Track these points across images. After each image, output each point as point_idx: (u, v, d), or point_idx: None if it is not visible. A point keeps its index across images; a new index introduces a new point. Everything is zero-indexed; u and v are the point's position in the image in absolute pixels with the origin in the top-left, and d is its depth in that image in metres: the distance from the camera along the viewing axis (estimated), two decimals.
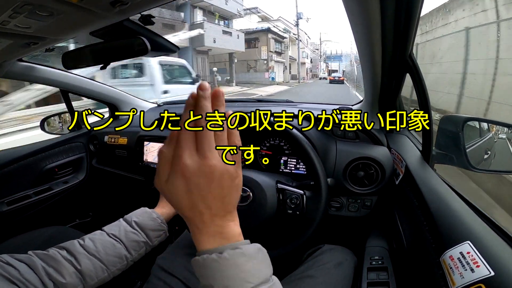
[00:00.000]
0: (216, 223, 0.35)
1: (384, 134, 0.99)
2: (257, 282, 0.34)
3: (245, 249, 0.35)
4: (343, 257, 0.79)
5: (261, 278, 0.34)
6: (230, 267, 0.33)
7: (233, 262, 0.33)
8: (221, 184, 0.33)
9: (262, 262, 0.36)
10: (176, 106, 1.62)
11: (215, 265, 0.33)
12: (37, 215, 1.30)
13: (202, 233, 0.35)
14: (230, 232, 0.36)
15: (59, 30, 0.60)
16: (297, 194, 0.78)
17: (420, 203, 0.65)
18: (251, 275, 0.34)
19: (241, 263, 0.34)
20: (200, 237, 0.36)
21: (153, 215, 0.69)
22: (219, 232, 0.35)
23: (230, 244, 0.35)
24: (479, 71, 3.37)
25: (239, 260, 0.34)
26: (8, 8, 0.44)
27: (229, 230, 0.36)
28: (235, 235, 0.36)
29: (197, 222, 0.35)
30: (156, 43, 0.69)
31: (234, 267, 0.33)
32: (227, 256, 0.33)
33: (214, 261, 0.33)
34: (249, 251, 0.35)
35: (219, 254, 0.33)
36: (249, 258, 0.34)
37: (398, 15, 0.57)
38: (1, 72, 1.01)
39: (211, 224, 0.35)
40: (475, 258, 0.42)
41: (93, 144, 1.51)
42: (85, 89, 1.39)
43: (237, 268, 0.33)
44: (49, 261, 0.53)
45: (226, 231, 0.36)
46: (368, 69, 0.80)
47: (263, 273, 0.35)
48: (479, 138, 0.88)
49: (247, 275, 0.33)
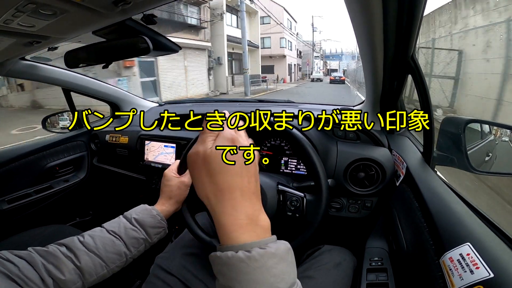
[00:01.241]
0: (254, 203, 0.34)
1: (385, 135, 0.99)
2: (286, 287, 0.30)
3: (276, 248, 0.31)
4: (343, 257, 0.79)
5: (289, 283, 0.31)
6: (258, 270, 0.29)
7: (262, 264, 0.29)
8: (255, 165, 0.36)
9: (291, 264, 0.33)
10: (176, 105, 1.63)
11: (242, 266, 0.29)
12: (37, 214, 1.30)
13: (240, 215, 0.33)
14: (265, 220, 0.34)
15: (62, 29, 0.60)
16: (298, 196, 0.78)
17: (421, 204, 0.65)
18: (281, 280, 0.30)
19: (271, 266, 0.30)
20: (235, 220, 0.32)
21: (152, 212, 0.70)
22: (256, 216, 0.33)
23: (259, 240, 0.32)
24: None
25: (269, 262, 0.30)
26: (11, 7, 0.45)
27: (264, 217, 0.34)
28: (267, 226, 0.34)
29: (237, 196, 0.33)
30: (159, 42, 0.69)
31: (263, 270, 0.29)
32: (257, 256, 0.30)
33: (240, 261, 0.29)
34: (280, 251, 0.32)
35: (247, 253, 0.30)
36: (279, 260, 0.31)
37: (400, 16, 0.57)
38: (4, 71, 1.01)
39: (250, 203, 0.34)
40: (474, 260, 0.42)
41: (94, 143, 1.51)
42: (87, 88, 1.39)
43: (267, 272, 0.29)
44: (49, 258, 0.53)
45: (262, 217, 0.34)
46: (370, 70, 0.80)
47: (292, 276, 0.32)
48: (480, 140, 0.88)
49: (276, 279, 0.30)
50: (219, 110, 0.38)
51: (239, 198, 0.33)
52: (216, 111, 0.38)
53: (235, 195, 0.33)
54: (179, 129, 1.17)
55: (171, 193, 0.74)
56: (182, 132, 1.16)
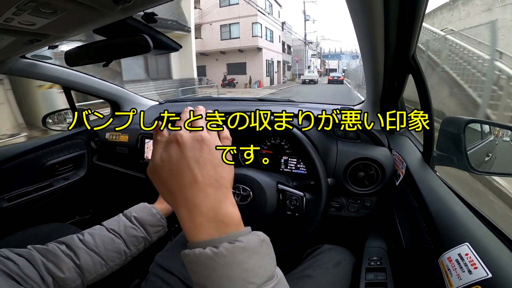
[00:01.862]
0: (211, 196, 0.32)
1: (385, 135, 0.99)
2: (261, 281, 0.29)
3: (246, 242, 0.30)
4: (342, 257, 0.79)
5: (265, 277, 0.29)
6: (228, 266, 0.28)
7: (231, 259, 0.28)
8: (212, 153, 0.34)
9: (266, 256, 0.31)
10: (177, 104, 1.63)
11: (210, 262, 0.28)
12: (37, 212, 1.30)
13: (193, 214, 0.31)
14: (228, 213, 0.32)
15: (62, 27, 0.60)
16: (297, 196, 0.78)
17: (420, 204, 0.65)
18: (255, 274, 0.29)
19: (242, 261, 0.28)
20: (191, 221, 0.31)
21: (152, 211, 0.70)
22: (214, 211, 0.31)
23: (227, 234, 0.30)
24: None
25: (239, 256, 0.28)
26: (12, 5, 0.45)
27: (227, 211, 0.32)
28: (235, 220, 0.32)
29: (188, 194, 0.31)
30: (159, 41, 0.69)
31: (233, 266, 0.28)
32: (224, 252, 0.28)
33: (208, 258, 0.28)
34: (251, 244, 0.30)
35: (214, 249, 0.28)
36: (251, 253, 0.29)
37: (401, 15, 0.57)
38: (4, 69, 1.01)
39: (205, 198, 0.31)
40: (473, 260, 0.42)
41: (94, 141, 1.52)
42: (88, 87, 1.39)
43: (237, 267, 0.28)
44: (49, 256, 0.53)
45: (224, 211, 0.32)
46: (371, 70, 0.80)
47: (267, 269, 0.30)
48: (480, 140, 0.88)
49: (249, 274, 0.28)
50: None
51: (191, 196, 0.32)
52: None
53: (186, 194, 0.32)
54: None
55: None
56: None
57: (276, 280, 0.30)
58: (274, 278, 0.30)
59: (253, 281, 0.28)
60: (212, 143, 0.34)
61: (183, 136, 0.34)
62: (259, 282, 0.28)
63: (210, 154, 0.34)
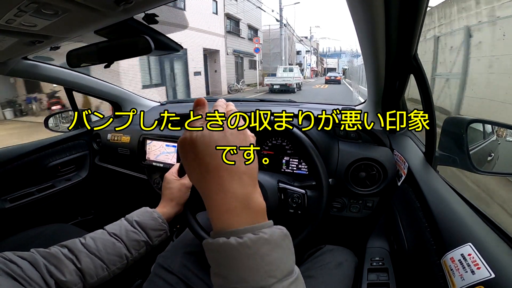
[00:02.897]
0: (246, 184, 0.32)
1: (387, 135, 0.99)
2: (281, 276, 0.28)
3: (270, 234, 0.30)
4: (344, 257, 0.79)
5: (285, 271, 0.29)
6: (251, 257, 0.28)
7: (255, 251, 0.28)
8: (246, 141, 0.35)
9: (288, 251, 0.31)
10: (178, 105, 1.63)
11: (233, 252, 0.28)
12: (39, 212, 1.31)
13: (228, 198, 0.31)
14: (258, 202, 0.32)
15: (64, 28, 0.60)
16: (299, 193, 0.78)
17: (422, 204, 0.65)
18: (276, 268, 0.28)
19: (265, 253, 0.28)
20: (225, 204, 0.31)
21: (154, 215, 0.70)
22: (248, 198, 0.31)
23: (252, 226, 0.30)
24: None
25: (262, 248, 0.28)
26: (14, 7, 0.45)
27: (259, 200, 0.32)
28: (263, 210, 0.32)
29: (225, 176, 0.31)
30: (160, 42, 0.69)
31: (256, 258, 0.28)
32: (249, 242, 0.28)
33: (232, 248, 0.28)
34: (275, 238, 0.30)
35: (239, 240, 0.28)
36: (274, 246, 0.29)
37: (403, 15, 0.56)
38: (6, 70, 1.02)
39: (241, 184, 0.32)
40: (476, 260, 0.42)
41: (96, 142, 1.52)
42: (89, 87, 1.40)
43: (260, 259, 0.28)
44: (51, 259, 0.54)
45: (255, 199, 0.32)
46: (372, 69, 0.80)
47: (288, 264, 0.30)
48: (482, 140, 0.88)
49: (271, 268, 0.28)
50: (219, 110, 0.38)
51: (227, 179, 0.31)
52: (216, 111, 0.38)
53: (222, 174, 0.32)
54: (179, 129, 1.17)
55: (172, 195, 0.75)
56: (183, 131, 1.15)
57: (295, 276, 0.30)
58: (293, 273, 0.30)
59: (274, 275, 0.28)
60: (249, 136, 0.36)
61: (231, 121, 0.35)
62: (280, 276, 0.28)
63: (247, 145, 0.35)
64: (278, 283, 0.28)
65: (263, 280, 0.27)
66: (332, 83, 25.79)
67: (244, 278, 0.28)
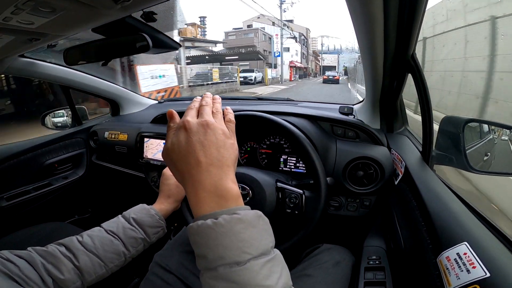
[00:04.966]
0: (213, 174, 0.35)
1: (384, 134, 0.99)
2: (256, 253, 0.31)
3: (243, 214, 0.32)
4: (341, 256, 0.79)
5: (260, 249, 0.31)
6: (225, 235, 0.31)
7: (229, 229, 0.31)
8: (216, 136, 0.38)
9: (262, 232, 0.34)
10: (176, 103, 1.63)
11: (210, 232, 0.31)
12: (36, 211, 1.30)
13: (197, 190, 0.35)
14: (227, 189, 0.35)
15: (61, 26, 0.60)
16: (296, 193, 0.78)
17: (419, 203, 0.66)
18: (250, 245, 0.31)
19: (238, 231, 0.31)
20: (195, 196, 0.35)
21: (151, 212, 0.70)
22: (215, 187, 0.35)
23: (227, 209, 0.33)
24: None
25: (236, 227, 0.31)
26: (10, 4, 0.45)
27: (227, 186, 0.35)
28: (233, 195, 0.35)
29: (194, 173, 0.35)
30: (158, 40, 0.69)
31: (230, 235, 0.31)
32: (223, 222, 0.31)
33: (208, 227, 0.31)
34: (248, 217, 0.33)
35: (214, 220, 0.31)
36: (247, 225, 0.32)
37: (401, 14, 0.57)
38: (2, 68, 1.01)
39: (208, 175, 0.35)
40: (471, 259, 0.42)
41: (93, 140, 1.51)
42: (87, 85, 1.39)
43: (234, 236, 0.31)
44: (48, 258, 0.53)
45: (224, 187, 0.35)
46: (370, 69, 0.80)
47: (263, 243, 0.32)
48: (479, 139, 0.88)
49: (244, 244, 0.31)
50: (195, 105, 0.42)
51: (195, 173, 0.35)
52: None
53: (192, 173, 0.36)
54: None
55: (169, 192, 0.75)
56: None
57: (272, 255, 0.32)
58: (270, 253, 0.33)
59: (248, 251, 0.30)
60: (216, 127, 0.39)
61: (190, 122, 0.38)
62: (255, 253, 0.31)
63: (214, 137, 0.38)
64: (253, 260, 0.30)
65: (238, 256, 0.30)
66: (330, 83, 25.74)
67: (221, 256, 0.30)
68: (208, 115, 0.40)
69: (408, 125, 1.06)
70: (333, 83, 25.82)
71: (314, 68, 45.39)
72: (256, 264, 0.30)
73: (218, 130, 0.38)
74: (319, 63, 50.85)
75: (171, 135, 0.39)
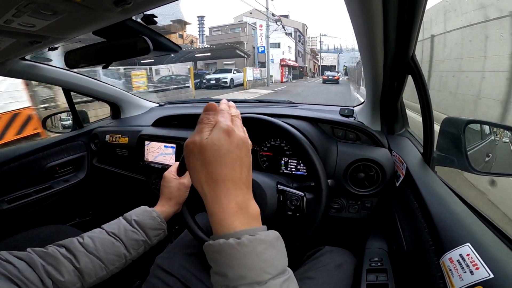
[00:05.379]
0: (244, 193, 0.35)
1: (385, 136, 0.99)
2: (275, 272, 0.32)
3: (265, 235, 0.33)
4: (343, 258, 0.79)
5: (279, 269, 0.32)
6: (248, 255, 0.31)
7: (252, 249, 0.31)
8: (249, 156, 0.38)
9: (280, 252, 0.34)
10: (177, 106, 1.63)
11: (233, 251, 0.31)
12: (37, 214, 1.30)
13: (231, 203, 0.34)
14: (254, 209, 0.36)
15: (62, 29, 0.60)
16: (297, 195, 0.78)
17: (421, 205, 0.65)
18: (270, 265, 0.32)
19: (261, 251, 0.32)
20: (228, 208, 0.34)
21: (152, 214, 0.69)
22: (247, 205, 0.35)
23: (248, 229, 0.33)
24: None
25: (258, 247, 0.32)
26: (12, 7, 0.45)
27: (254, 207, 0.36)
28: (258, 215, 0.36)
29: (229, 185, 0.35)
30: (159, 42, 0.69)
31: (253, 256, 0.31)
32: (246, 242, 0.31)
33: (231, 247, 0.31)
34: (269, 239, 0.33)
35: (237, 240, 0.31)
36: (268, 246, 0.33)
37: (401, 16, 0.57)
38: (4, 71, 1.01)
39: (240, 193, 0.35)
40: (474, 261, 0.42)
41: (94, 143, 1.51)
42: (88, 88, 1.39)
43: (256, 257, 0.31)
44: (48, 259, 0.53)
45: (252, 206, 0.36)
46: (370, 70, 0.80)
47: (281, 263, 0.33)
48: (480, 140, 0.88)
49: (266, 264, 0.31)
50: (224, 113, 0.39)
51: (231, 188, 0.35)
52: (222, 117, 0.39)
53: (228, 185, 0.35)
54: (177, 130, 1.18)
55: (171, 194, 0.74)
56: (182, 132, 1.16)
57: (288, 275, 0.33)
58: (286, 272, 0.33)
59: (269, 271, 0.31)
60: (249, 148, 0.38)
61: (235, 133, 0.36)
62: (274, 273, 0.31)
63: (248, 157, 0.38)
64: (273, 279, 0.31)
65: (259, 276, 0.30)
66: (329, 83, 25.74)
67: (243, 275, 0.30)
68: (245, 132, 0.39)
69: (408, 127, 1.06)
70: (333, 83, 25.85)
71: (312, 68, 42.32)
72: (275, 283, 0.31)
73: (249, 151, 0.38)
74: (318, 63, 47.30)
75: (207, 129, 0.36)
